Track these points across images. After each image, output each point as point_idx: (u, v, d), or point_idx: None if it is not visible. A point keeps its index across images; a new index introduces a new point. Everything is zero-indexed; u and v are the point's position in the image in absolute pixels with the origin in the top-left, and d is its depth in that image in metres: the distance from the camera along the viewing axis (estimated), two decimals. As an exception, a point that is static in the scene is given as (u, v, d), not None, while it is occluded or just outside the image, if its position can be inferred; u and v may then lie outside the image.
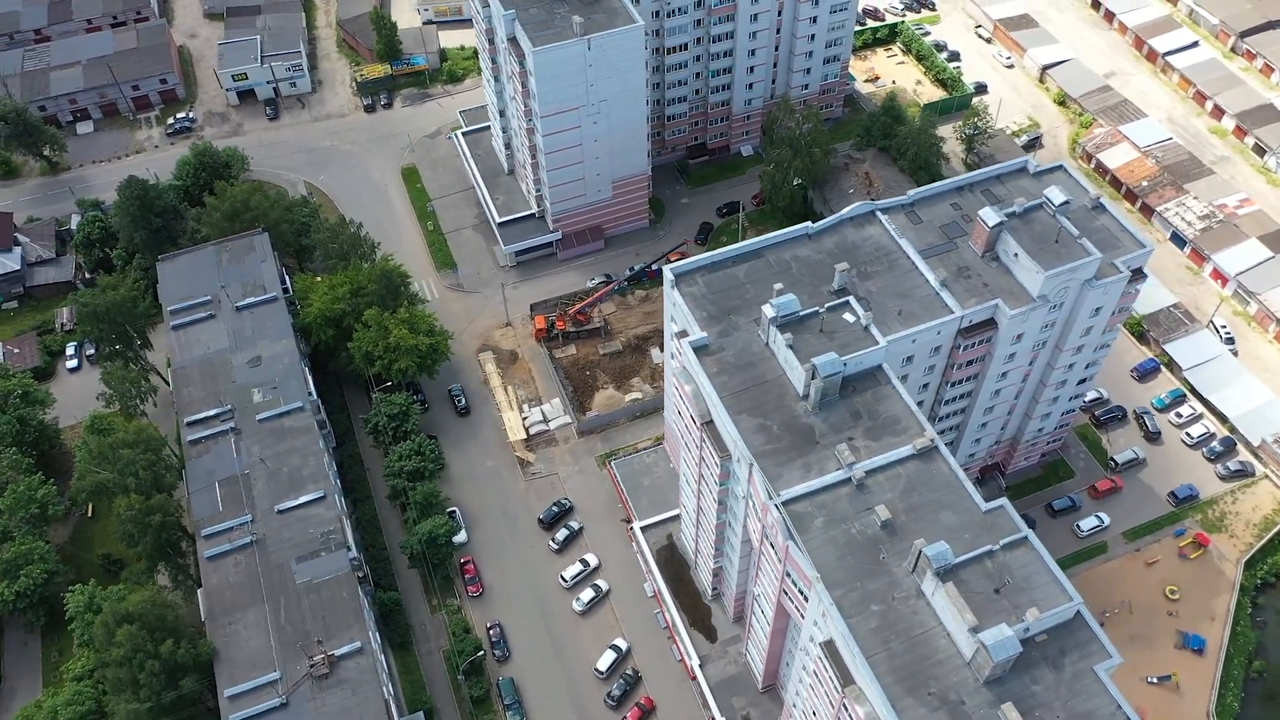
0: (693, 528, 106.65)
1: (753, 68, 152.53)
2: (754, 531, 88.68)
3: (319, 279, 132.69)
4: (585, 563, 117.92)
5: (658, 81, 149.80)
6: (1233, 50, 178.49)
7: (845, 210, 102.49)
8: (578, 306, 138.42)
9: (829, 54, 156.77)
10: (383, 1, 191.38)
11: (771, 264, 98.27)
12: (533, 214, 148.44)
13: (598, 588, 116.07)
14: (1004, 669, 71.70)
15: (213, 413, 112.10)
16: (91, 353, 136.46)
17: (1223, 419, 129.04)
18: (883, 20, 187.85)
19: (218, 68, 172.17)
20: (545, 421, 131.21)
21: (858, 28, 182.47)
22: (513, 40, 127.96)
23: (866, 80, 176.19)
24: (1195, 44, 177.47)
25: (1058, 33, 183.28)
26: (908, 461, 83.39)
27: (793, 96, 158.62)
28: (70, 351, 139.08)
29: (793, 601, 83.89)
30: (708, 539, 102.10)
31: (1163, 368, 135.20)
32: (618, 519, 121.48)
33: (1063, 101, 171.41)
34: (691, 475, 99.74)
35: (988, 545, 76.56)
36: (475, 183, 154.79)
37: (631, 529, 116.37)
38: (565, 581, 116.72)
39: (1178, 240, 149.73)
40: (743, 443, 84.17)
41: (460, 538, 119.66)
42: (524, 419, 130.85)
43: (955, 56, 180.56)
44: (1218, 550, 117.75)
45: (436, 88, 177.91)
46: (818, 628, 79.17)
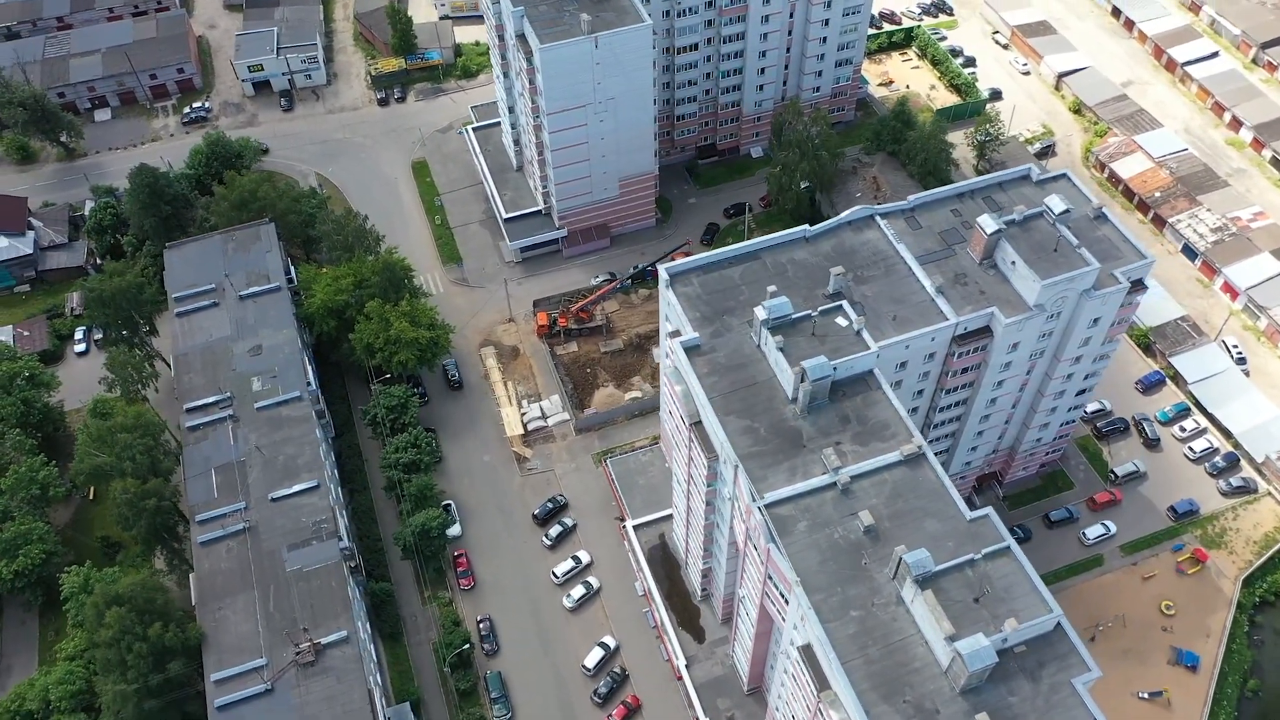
0: (683, 528, 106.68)
1: (763, 69, 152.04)
2: (739, 533, 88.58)
3: (324, 270, 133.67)
4: (577, 559, 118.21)
5: (667, 81, 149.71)
6: (1254, 61, 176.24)
7: (844, 214, 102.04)
8: (580, 304, 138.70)
9: (841, 57, 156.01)
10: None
11: (768, 266, 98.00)
12: (539, 211, 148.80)
13: (589, 585, 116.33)
14: (980, 679, 71.26)
15: (212, 400, 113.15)
16: (99, 337, 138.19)
17: (1227, 434, 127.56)
18: (899, 24, 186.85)
19: (234, 58, 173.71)
20: (544, 418, 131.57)
21: (873, 31, 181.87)
22: (521, 37, 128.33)
23: (880, 84, 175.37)
24: (1215, 54, 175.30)
25: (1076, 40, 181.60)
26: (894, 468, 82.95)
27: (804, 99, 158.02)
28: (79, 336, 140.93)
29: (774, 604, 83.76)
30: (697, 539, 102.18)
31: (1168, 381, 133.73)
32: (612, 517, 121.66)
33: (1078, 110, 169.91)
34: (681, 475, 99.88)
35: (970, 554, 76.20)
36: (484, 178, 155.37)
37: (624, 527, 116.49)
38: (557, 578, 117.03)
39: (1189, 252, 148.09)
40: (729, 444, 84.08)
41: (454, 531, 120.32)
42: (522, 414, 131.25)
43: (971, 62, 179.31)
44: (1216, 567, 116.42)
45: (450, 83, 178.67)
46: (797, 631, 79.07)
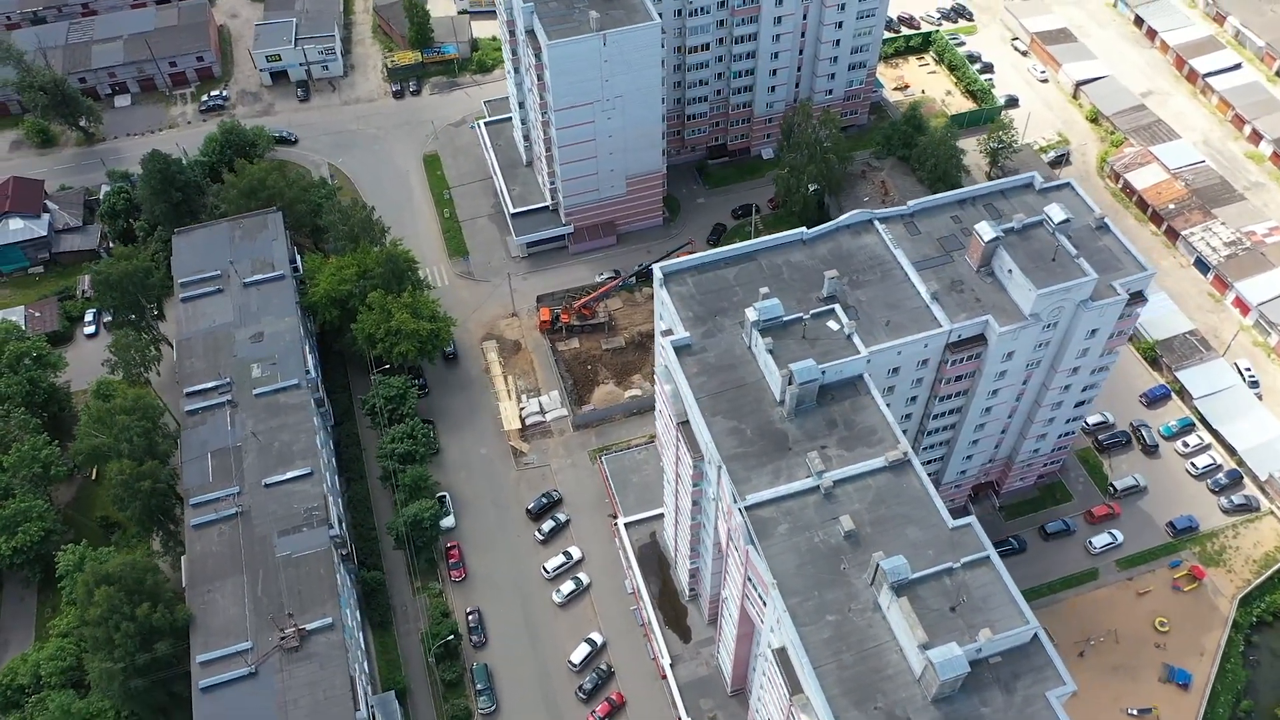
0: (673, 527, 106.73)
1: (775, 70, 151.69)
2: (722, 534, 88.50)
3: (331, 259, 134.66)
4: (569, 555, 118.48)
5: (678, 80, 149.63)
6: (1277, 74, 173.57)
7: (843, 217, 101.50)
8: (583, 300, 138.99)
9: (854, 60, 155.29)
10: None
11: (763, 268, 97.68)
12: (547, 206, 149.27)
13: (579, 581, 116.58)
14: (952, 688, 70.75)
15: (211, 385, 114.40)
16: (109, 320, 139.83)
17: (1231, 451, 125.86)
18: (917, 28, 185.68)
19: (252, 48, 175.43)
20: (542, 413, 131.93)
21: (890, 35, 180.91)
22: (530, 33, 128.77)
23: (895, 88, 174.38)
24: (1238, 66, 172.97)
25: (1096, 49, 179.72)
26: (879, 474, 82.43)
27: (816, 101, 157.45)
28: (89, 318, 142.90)
29: (754, 606, 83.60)
30: (685, 539, 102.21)
31: (1173, 395, 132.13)
32: (605, 514, 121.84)
33: (1095, 119, 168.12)
34: (670, 475, 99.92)
35: (949, 563, 75.73)
36: (493, 173, 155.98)
37: (616, 524, 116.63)
38: (547, 572, 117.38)
39: (1201, 266, 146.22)
40: (713, 444, 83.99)
41: (448, 522, 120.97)
42: (521, 409, 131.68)
43: (988, 68, 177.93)
44: (1213, 584, 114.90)
45: (465, 77, 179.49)
46: (773, 634, 78.89)
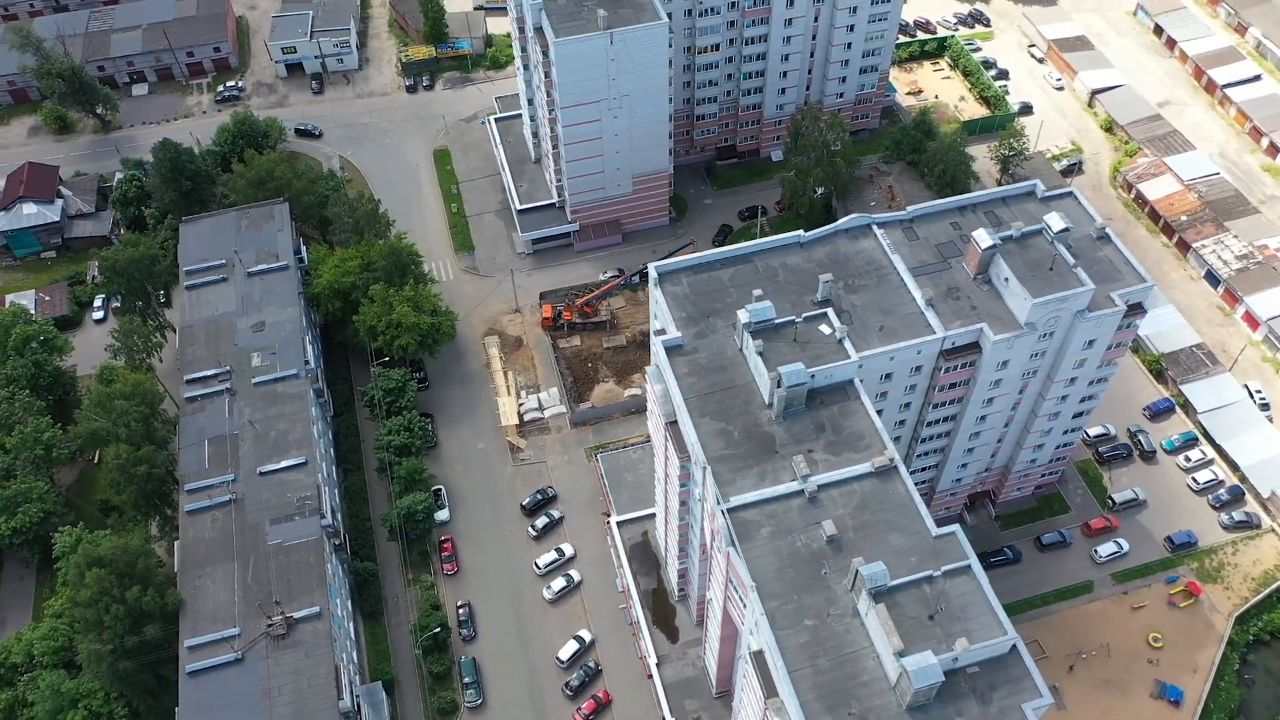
0: (663, 526, 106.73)
1: (786, 73, 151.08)
2: (707, 535, 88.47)
3: (336, 251, 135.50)
4: (561, 552, 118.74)
5: (688, 80, 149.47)
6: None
7: (841, 221, 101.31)
8: (585, 298, 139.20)
9: (866, 64, 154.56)
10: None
11: (759, 270, 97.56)
12: (553, 204, 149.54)
13: (570, 577, 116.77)
14: (927, 696, 70.43)
15: (211, 373, 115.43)
16: (117, 306, 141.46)
17: (1234, 467, 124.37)
18: (933, 33, 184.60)
19: (269, 40, 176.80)
20: (540, 409, 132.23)
21: (906, 39, 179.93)
22: (539, 30, 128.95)
23: (908, 93, 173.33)
24: (1258, 77, 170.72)
25: (1114, 57, 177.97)
26: (864, 479, 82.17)
27: (827, 104, 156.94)
28: (98, 304, 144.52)
29: (735, 609, 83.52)
30: (674, 539, 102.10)
31: (1177, 408, 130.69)
32: (599, 512, 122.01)
33: (1110, 128, 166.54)
34: (660, 474, 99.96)
35: (929, 570, 75.34)
36: (502, 169, 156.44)
37: (609, 522, 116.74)
38: (539, 568, 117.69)
39: (1212, 279, 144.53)
40: (699, 445, 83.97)
41: (443, 516, 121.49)
42: (519, 405, 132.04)
43: (1004, 75, 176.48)
44: (1210, 601, 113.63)
45: (478, 73, 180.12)
46: (752, 637, 78.76)
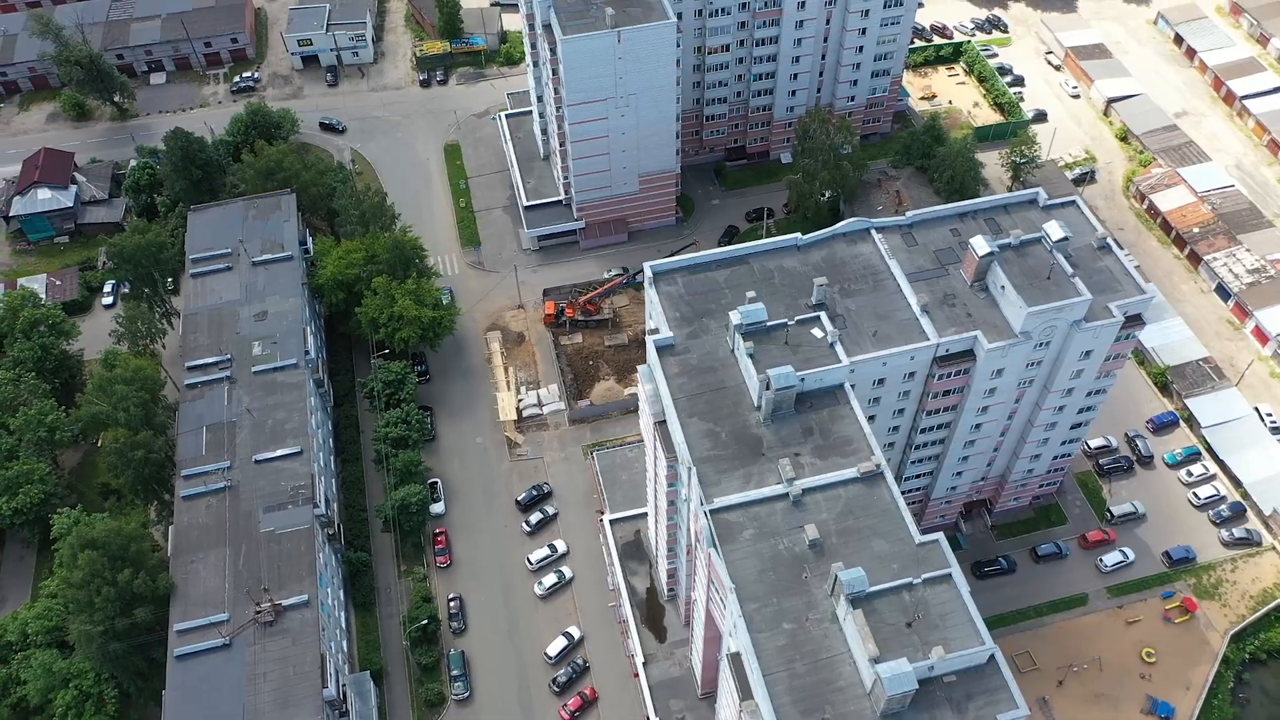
0: (653, 526, 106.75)
1: (796, 75, 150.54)
2: (692, 535, 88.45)
3: (342, 243, 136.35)
4: (554, 548, 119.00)
5: (698, 80, 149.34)
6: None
7: (839, 225, 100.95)
8: (588, 296, 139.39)
9: (878, 67, 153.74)
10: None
11: (755, 271, 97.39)
12: (560, 201, 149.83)
13: (561, 574, 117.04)
14: (901, 704, 70.03)
15: (212, 360, 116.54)
16: (126, 292, 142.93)
17: (1237, 483, 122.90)
18: (950, 38, 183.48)
19: (284, 32, 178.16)
20: (539, 405, 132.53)
21: (921, 44, 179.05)
22: (547, 27, 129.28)
23: (922, 97, 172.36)
24: (1278, 89, 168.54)
25: (1132, 66, 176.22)
26: (850, 484, 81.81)
27: (838, 107, 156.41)
28: (107, 289, 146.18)
29: (717, 610, 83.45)
30: (663, 538, 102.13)
31: (1181, 422, 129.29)
32: (593, 509, 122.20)
33: (1125, 137, 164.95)
34: (650, 474, 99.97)
35: (909, 578, 74.98)
36: (510, 165, 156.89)
37: (602, 520, 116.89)
38: (531, 564, 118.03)
39: (1222, 292, 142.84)
40: (685, 446, 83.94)
41: (438, 508, 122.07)
42: (518, 401, 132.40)
43: (1019, 81, 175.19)
44: (1205, 618, 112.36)
45: (492, 69, 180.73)
46: (731, 639, 78.68)
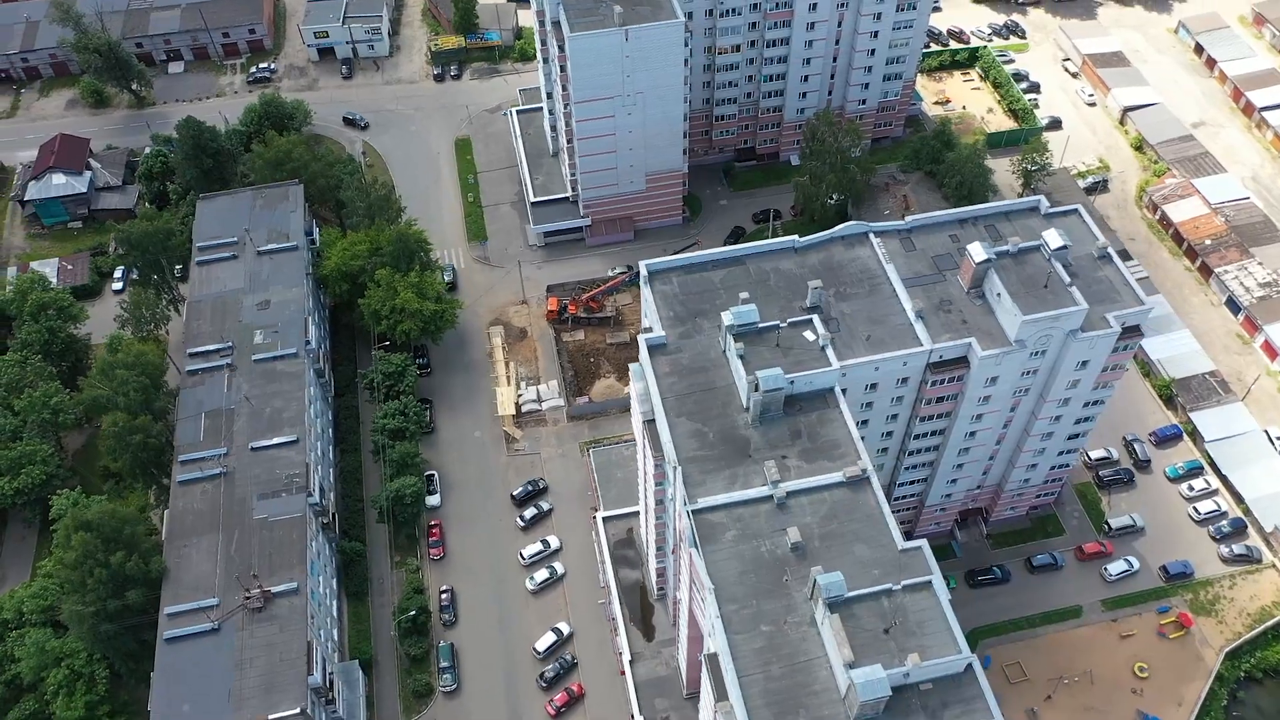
0: (644, 524, 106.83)
1: (807, 77, 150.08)
2: (677, 535, 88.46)
3: (348, 234, 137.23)
4: (546, 544, 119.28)
5: (708, 80, 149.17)
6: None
7: (837, 228, 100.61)
8: (590, 293, 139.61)
9: (890, 71, 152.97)
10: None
11: (751, 273, 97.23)
12: (567, 198, 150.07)
13: (553, 570, 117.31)
14: (874, 710, 69.72)
15: (213, 347, 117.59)
16: (136, 277, 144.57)
17: (1239, 499, 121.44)
18: (966, 43, 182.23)
19: (301, 24, 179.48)
20: (539, 401, 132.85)
21: (937, 48, 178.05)
22: (556, 24, 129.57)
23: (936, 102, 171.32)
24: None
25: (1151, 75, 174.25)
26: (835, 488, 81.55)
27: (849, 110, 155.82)
28: (118, 275, 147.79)
29: (699, 610, 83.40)
30: (652, 537, 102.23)
31: (1184, 436, 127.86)
32: (587, 506, 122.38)
33: (1140, 147, 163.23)
34: (640, 472, 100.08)
35: (888, 584, 74.65)
36: (519, 161, 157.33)
37: (595, 517, 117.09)
38: (524, 559, 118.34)
39: (1233, 306, 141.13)
40: (672, 445, 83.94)
41: (433, 501, 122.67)
42: (518, 396, 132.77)
43: (1035, 88, 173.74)
44: (1201, 634, 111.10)
45: (506, 64, 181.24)
46: (710, 639, 78.64)
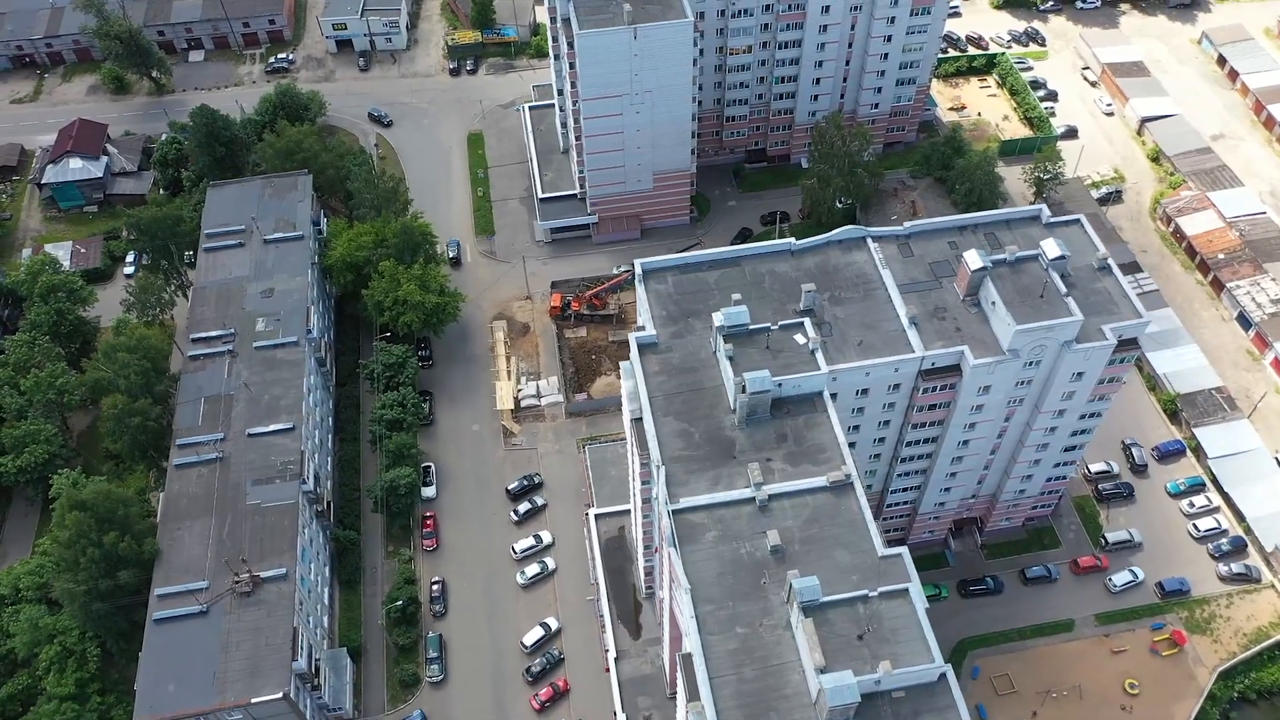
0: (634, 523, 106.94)
1: (819, 79, 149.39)
2: (659, 534, 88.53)
3: (354, 225, 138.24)
4: (539, 539, 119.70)
5: (719, 81, 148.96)
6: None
7: (835, 232, 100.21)
8: (594, 290, 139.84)
9: (903, 75, 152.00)
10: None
11: (746, 274, 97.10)
12: (575, 195, 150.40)
13: (544, 565, 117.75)
14: (844, 715, 69.30)
15: (216, 334, 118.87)
16: (147, 262, 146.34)
17: (1240, 517, 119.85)
18: (985, 49, 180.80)
19: (320, 15, 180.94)
20: (538, 396, 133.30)
21: (954, 54, 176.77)
22: (565, 21, 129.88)
23: (951, 108, 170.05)
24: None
25: (1171, 85, 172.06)
26: (818, 493, 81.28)
27: (861, 114, 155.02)
28: (130, 259, 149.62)
29: (678, 610, 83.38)
30: (640, 535, 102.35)
31: (1188, 451, 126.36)
32: (581, 503, 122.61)
33: (1156, 158, 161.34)
34: (630, 471, 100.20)
35: (864, 590, 74.36)
36: (530, 156, 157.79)
37: (588, 514, 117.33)
38: (516, 553, 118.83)
39: (1244, 321, 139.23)
40: (657, 444, 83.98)
41: (429, 492, 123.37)
42: (517, 391, 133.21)
43: (1053, 96, 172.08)
44: (1194, 653, 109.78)
45: (522, 60, 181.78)
46: (687, 639, 78.62)
